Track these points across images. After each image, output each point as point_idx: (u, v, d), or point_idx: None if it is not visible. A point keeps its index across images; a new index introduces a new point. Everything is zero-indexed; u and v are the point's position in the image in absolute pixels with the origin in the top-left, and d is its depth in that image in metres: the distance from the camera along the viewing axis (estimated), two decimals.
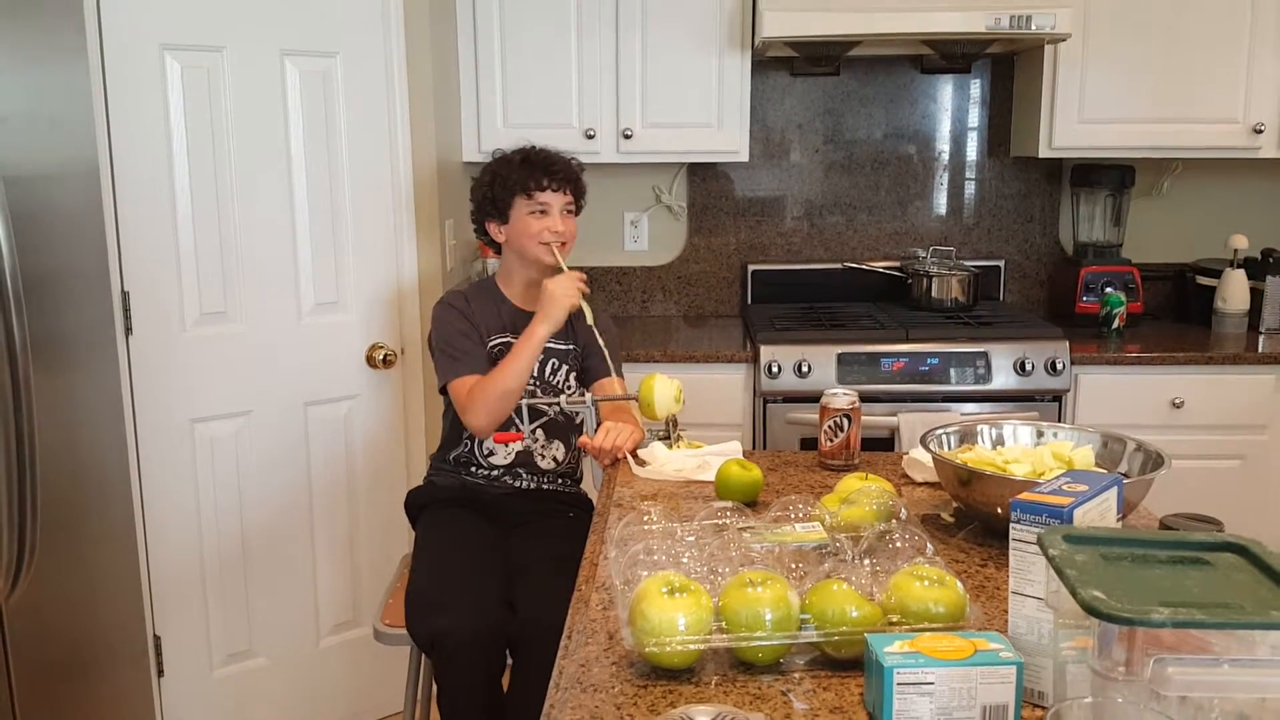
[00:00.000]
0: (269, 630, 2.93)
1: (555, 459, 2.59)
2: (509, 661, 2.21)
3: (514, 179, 2.54)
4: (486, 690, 2.16)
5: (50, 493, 2.22)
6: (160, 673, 2.73)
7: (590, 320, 2.49)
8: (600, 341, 2.50)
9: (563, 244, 2.56)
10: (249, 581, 2.87)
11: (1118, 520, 1.36)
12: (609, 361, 2.53)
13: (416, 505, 2.61)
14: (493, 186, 2.58)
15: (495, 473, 2.56)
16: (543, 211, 2.54)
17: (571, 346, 2.61)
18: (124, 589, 2.51)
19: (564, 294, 2.42)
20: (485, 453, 2.56)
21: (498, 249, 2.66)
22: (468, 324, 2.54)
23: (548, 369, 2.57)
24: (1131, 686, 1.01)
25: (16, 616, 2.16)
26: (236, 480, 2.81)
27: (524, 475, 2.57)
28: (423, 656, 2.39)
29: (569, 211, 2.59)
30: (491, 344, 2.55)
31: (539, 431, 2.56)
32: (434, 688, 2.51)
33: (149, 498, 2.66)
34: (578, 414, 2.57)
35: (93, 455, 2.39)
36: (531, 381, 2.54)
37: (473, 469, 2.57)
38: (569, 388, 2.60)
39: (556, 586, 1.98)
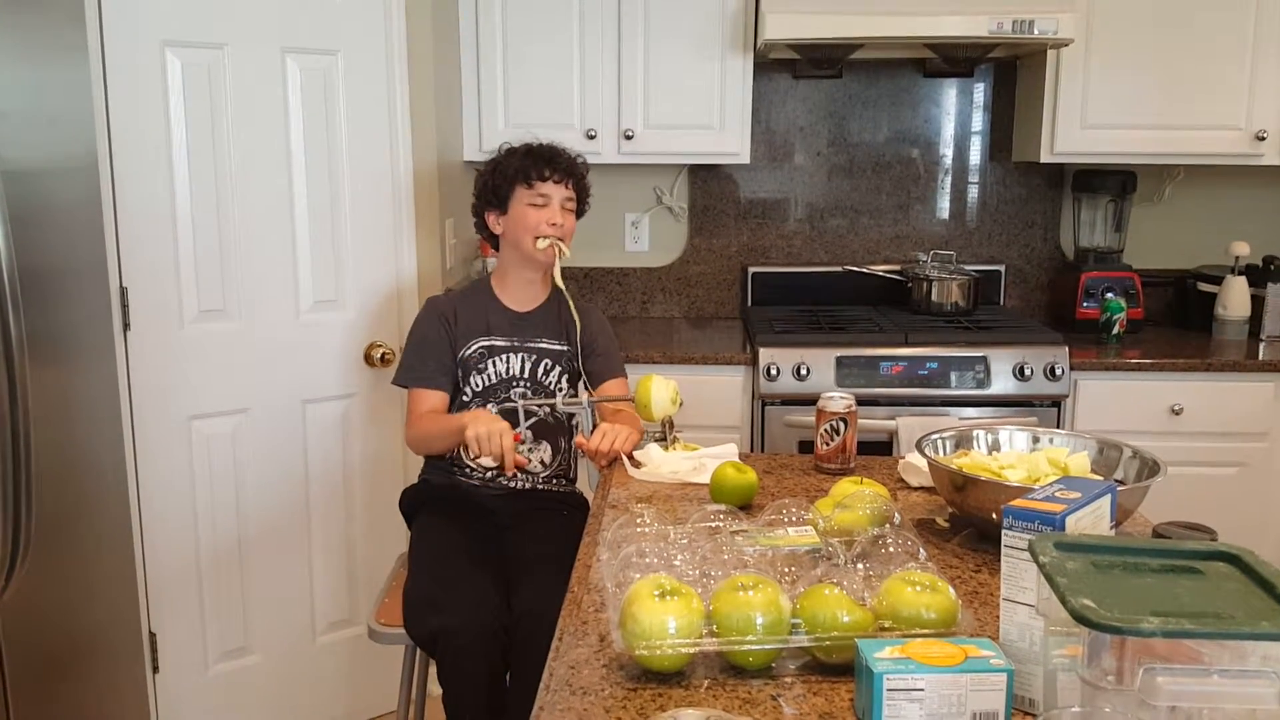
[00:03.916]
0: (264, 628, 2.93)
1: (543, 460, 2.58)
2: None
3: (515, 167, 2.54)
4: (489, 688, 2.14)
5: (47, 489, 2.22)
6: (155, 669, 2.73)
7: (575, 317, 2.56)
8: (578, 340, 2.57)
9: (560, 239, 2.55)
10: (245, 579, 2.87)
11: (1112, 527, 1.36)
12: (589, 357, 2.61)
13: (411, 504, 2.61)
14: (494, 175, 2.58)
15: (488, 474, 2.55)
16: (542, 203, 2.53)
17: (565, 347, 2.60)
18: (120, 585, 2.51)
19: (487, 434, 2.25)
20: (474, 454, 2.55)
21: (495, 244, 2.66)
22: (444, 333, 2.54)
23: (540, 369, 2.57)
24: (1121, 696, 1.01)
25: (11, 612, 2.16)
26: (233, 477, 2.81)
27: (517, 475, 2.56)
28: (417, 656, 2.39)
29: (569, 208, 2.58)
30: (470, 348, 2.54)
31: (526, 433, 2.55)
32: (428, 687, 2.51)
33: (145, 494, 2.66)
34: (573, 415, 2.57)
35: (90, 451, 2.39)
36: (523, 382, 2.54)
37: (466, 470, 2.56)
38: (560, 389, 2.59)
39: (552, 584, 1.98)
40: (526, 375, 2.55)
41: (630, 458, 2.20)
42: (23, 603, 2.18)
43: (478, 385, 2.54)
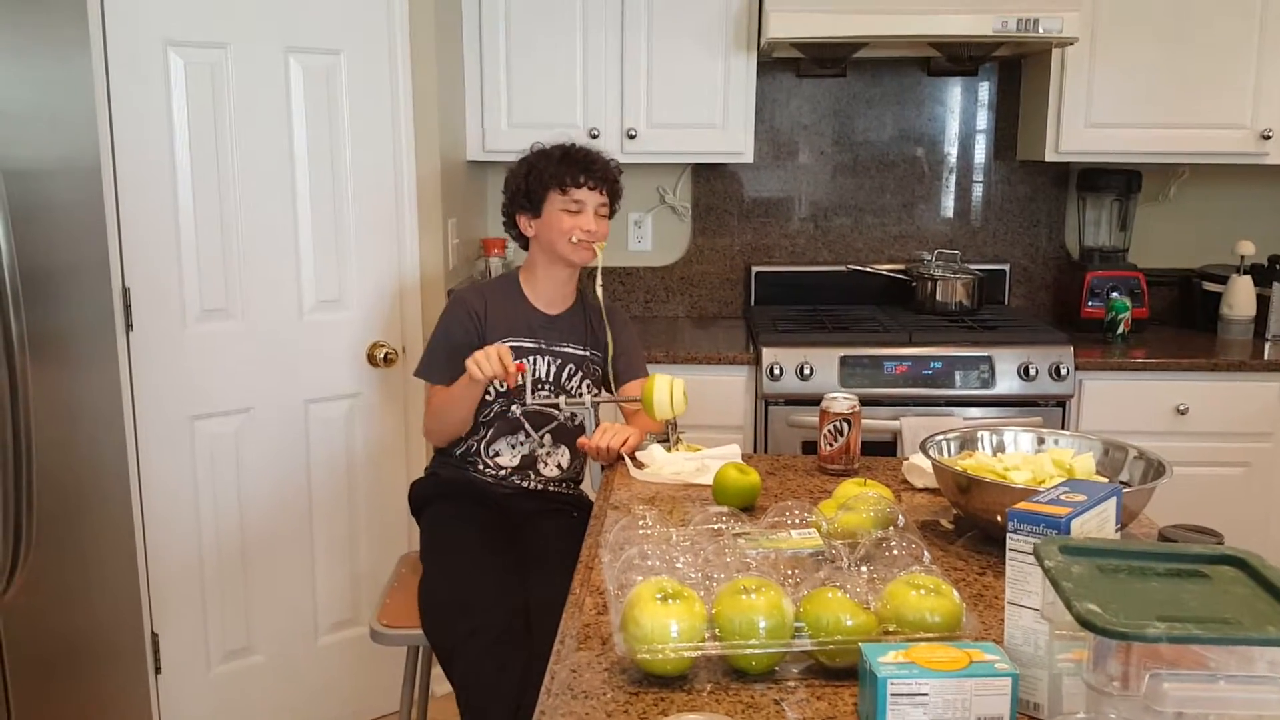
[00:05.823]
0: (267, 628, 2.92)
1: (560, 465, 2.57)
2: None
3: (551, 172, 2.51)
4: (509, 689, 2.12)
5: (48, 489, 2.22)
6: (158, 670, 2.73)
7: (600, 299, 2.57)
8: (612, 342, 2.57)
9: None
10: (247, 579, 2.87)
11: (1117, 529, 1.35)
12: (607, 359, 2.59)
13: (420, 498, 2.59)
14: (528, 178, 2.54)
15: (502, 473, 2.54)
16: (576, 210, 2.52)
17: (589, 352, 2.60)
18: (122, 586, 2.51)
19: (484, 354, 2.30)
20: (492, 453, 2.54)
21: (525, 245, 2.65)
22: (472, 329, 2.52)
23: (564, 374, 2.56)
24: (1127, 701, 1.00)
25: (12, 613, 2.15)
26: (236, 478, 2.81)
27: (531, 477, 2.56)
28: (419, 657, 2.38)
29: (602, 214, 2.56)
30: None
31: (546, 436, 2.55)
32: (431, 688, 2.50)
33: (148, 495, 2.66)
34: (577, 416, 2.56)
35: (92, 452, 2.38)
36: (547, 386, 2.53)
37: (480, 467, 2.55)
38: (582, 394, 2.58)
39: (567, 580, 1.97)
40: (551, 379, 2.54)
41: (633, 458, 2.19)
42: (24, 603, 2.18)
43: (501, 385, 2.52)
